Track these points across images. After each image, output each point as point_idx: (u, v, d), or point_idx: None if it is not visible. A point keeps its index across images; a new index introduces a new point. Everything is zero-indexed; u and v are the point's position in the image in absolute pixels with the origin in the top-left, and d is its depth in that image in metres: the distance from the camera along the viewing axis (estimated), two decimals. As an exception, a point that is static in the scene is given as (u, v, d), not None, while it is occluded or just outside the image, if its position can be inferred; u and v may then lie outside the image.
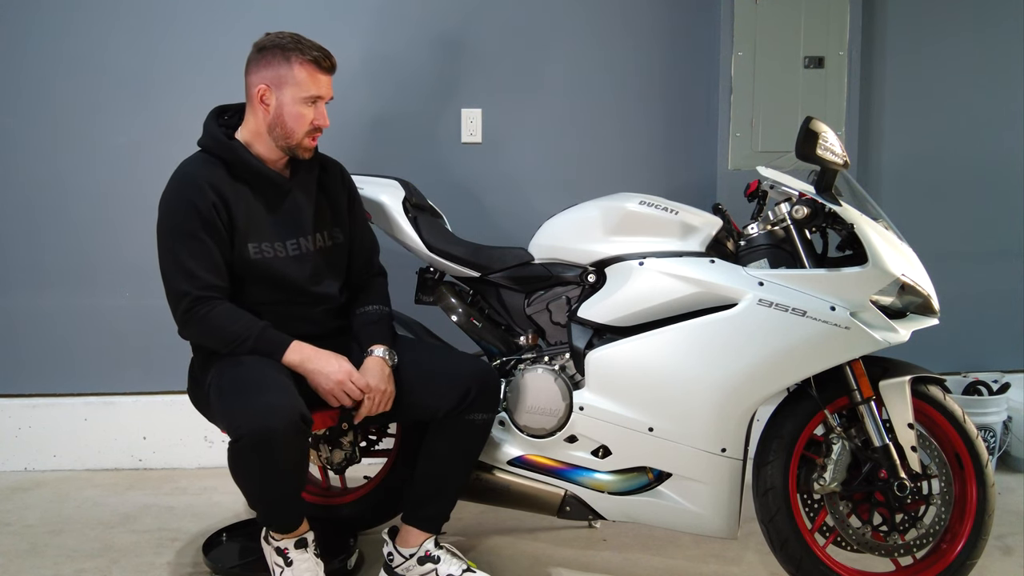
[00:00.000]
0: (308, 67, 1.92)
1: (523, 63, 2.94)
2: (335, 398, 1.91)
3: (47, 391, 2.96)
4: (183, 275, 1.87)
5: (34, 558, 2.29)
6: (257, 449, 1.74)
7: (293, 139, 1.95)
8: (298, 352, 1.90)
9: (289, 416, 1.75)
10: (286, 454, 1.79)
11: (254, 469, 1.81)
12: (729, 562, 2.29)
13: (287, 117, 1.93)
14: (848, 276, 1.93)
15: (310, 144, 1.98)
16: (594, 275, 2.12)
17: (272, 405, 1.75)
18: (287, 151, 1.97)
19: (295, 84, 1.92)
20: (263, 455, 1.76)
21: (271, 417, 1.73)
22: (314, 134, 1.98)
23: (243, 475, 1.86)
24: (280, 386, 1.81)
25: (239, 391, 1.81)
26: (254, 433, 1.73)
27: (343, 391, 1.90)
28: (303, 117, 1.94)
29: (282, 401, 1.77)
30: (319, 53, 1.94)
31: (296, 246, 2.00)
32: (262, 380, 1.82)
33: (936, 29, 3.04)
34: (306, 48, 1.93)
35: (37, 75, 2.84)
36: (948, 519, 2.02)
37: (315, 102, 1.95)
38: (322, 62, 1.94)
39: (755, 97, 2.87)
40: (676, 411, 1.99)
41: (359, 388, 1.91)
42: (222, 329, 1.89)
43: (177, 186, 1.93)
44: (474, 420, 2.00)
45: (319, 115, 1.95)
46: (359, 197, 2.19)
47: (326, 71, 1.95)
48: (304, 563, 1.94)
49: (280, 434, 1.74)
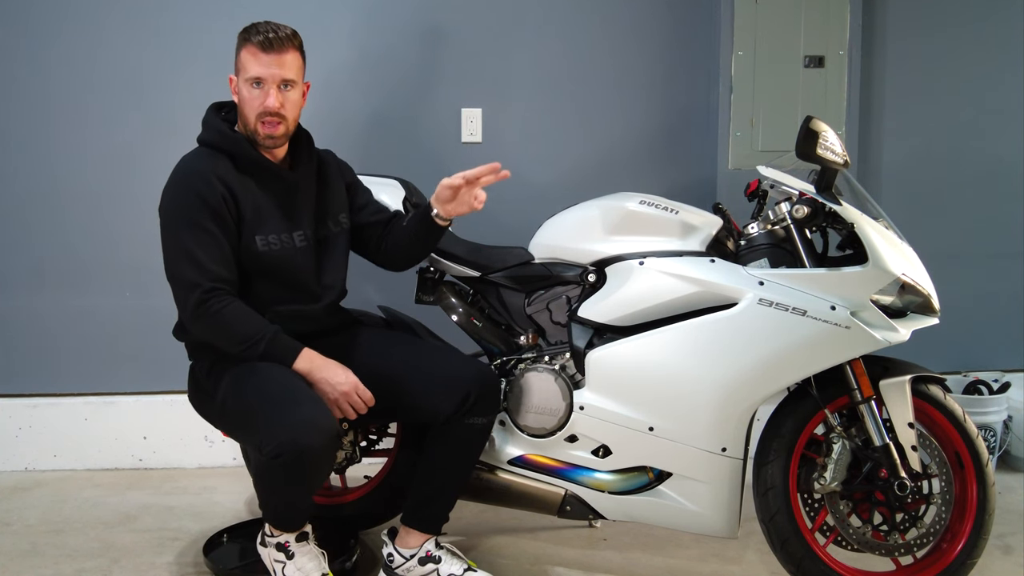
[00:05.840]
0: (251, 49, 1.90)
1: (523, 63, 2.94)
2: (339, 409, 1.90)
3: (47, 391, 2.96)
4: (193, 266, 1.85)
5: (34, 558, 2.29)
6: (296, 464, 1.74)
7: (249, 125, 1.93)
8: (308, 360, 1.89)
9: (329, 431, 1.75)
10: (321, 468, 1.82)
11: (285, 482, 1.81)
12: (729, 561, 2.29)
13: (242, 103, 1.94)
14: (848, 275, 1.93)
15: (264, 131, 1.91)
16: (594, 275, 2.12)
17: (310, 420, 1.74)
18: (251, 141, 1.94)
19: (243, 68, 1.92)
20: (299, 468, 1.76)
21: (312, 433, 1.73)
22: (265, 119, 1.90)
23: (271, 486, 1.87)
24: (311, 398, 1.80)
25: (270, 402, 1.78)
26: (296, 449, 1.71)
27: (348, 403, 1.89)
28: (250, 100, 1.91)
29: (320, 414, 1.76)
30: (264, 35, 1.88)
31: (303, 237, 1.99)
32: (293, 390, 1.80)
33: (936, 29, 3.05)
34: (253, 32, 1.90)
35: (33, 75, 2.84)
36: (948, 518, 2.02)
37: (259, 84, 1.90)
38: (264, 43, 1.88)
39: (755, 96, 2.87)
40: (676, 410, 1.99)
41: (364, 401, 1.91)
42: (234, 328, 1.86)
43: (183, 178, 1.91)
44: (474, 424, 2.00)
45: (264, 96, 1.89)
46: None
47: (269, 52, 1.88)
48: (306, 554, 1.96)
49: (320, 450, 1.75)
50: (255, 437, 1.80)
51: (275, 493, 1.89)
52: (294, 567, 1.94)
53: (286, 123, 1.93)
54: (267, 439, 1.74)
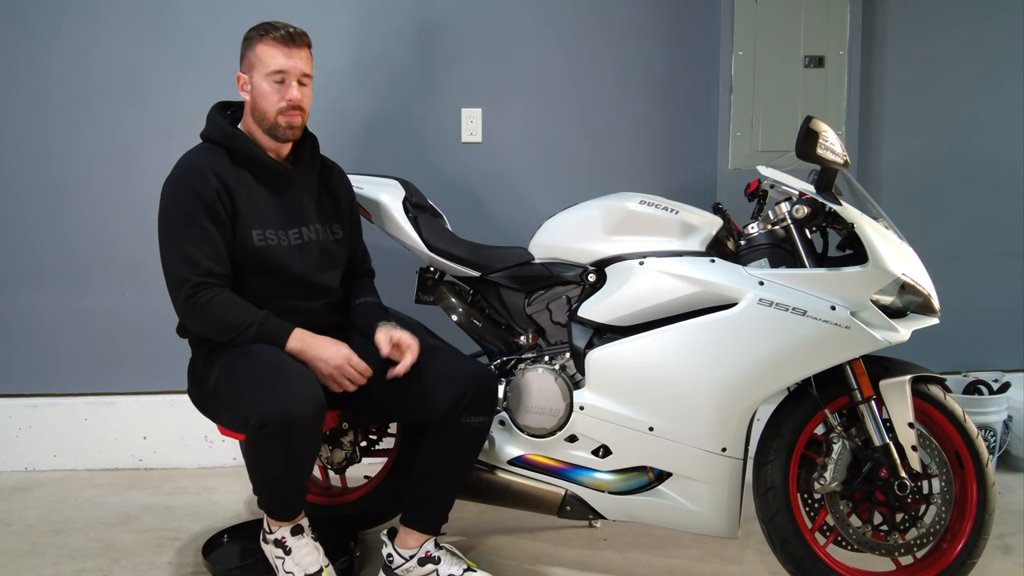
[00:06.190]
0: (269, 43, 1.94)
1: (523, 63, 2.94)
2: (335, 383, 1.90)
3: (47, 391, 2.96)
4: (184, 261, 1.87)
5: (34, 558, 2.29)
6: (282, 434, 1.75)
7: (268, 119, 1.96)
8: (299, 340, 1.90)
9: (315, 401, 1.77)
10: (308, 440, 1.81)
11: (274, 454, 1.81)
12: (729, 561, 2.29)
13: (259, 98, 1.96)
14: (848, 275, 1.93)
15: (285, 122, 1.96)
16: (594, 275, 2.12)
17: (296, 390, 1.76)
18: (270, 134, 1.98)
19: (260, 63, 1.95)
20: (286, 440, 1.76)
21: (297, 402, 1.74)
22: (289, 112, 1.96)
23: (261, 463, 1.86)
24: (299, 371, 1.82)
25: (258, 378, 1.80)
26: (280, 418, 1.73)
27: (343, 375, 1.90)
28: (270, 95, 1.95)
29: (305, 386, 1.78)
30: (283, 31, 1.95)
31: (298, 235, 2.01)
32: (280, 366, 1.82)
33: (936, 28, 3.05)
34: (271, 28, 1.95)
35: (32, 75, 2.84)
36: (948, 518, 2.02)
37: (281, 78, 1.95)
38: (284, 39, 1.94)
39: (755, 96, 2.87)
40: (676, 410, 1.99)
41: (359, 372, 1.91)
42: (224, 317, 1.88)
43: (179, 174, 1.94)
44: (470, 423, 2.00)
45: (286, 90, 1.95)
46: (356, 205, 2.21)
47: (290, 46, 1.95)
48: (303, 548, 1.96)
49: (307, 419, 1.76)
50: (243, 412, 1.79)
51: (267, 470, 1.87)
52: (292, 561, 1.95)
53: (303, 114, 2.00)
54: (254, 411, 1.75)
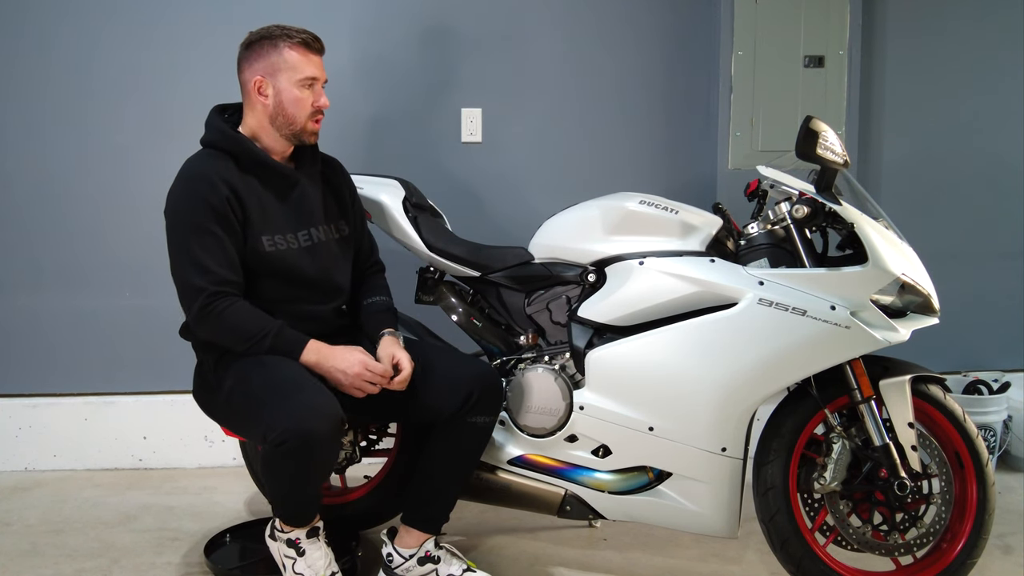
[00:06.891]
0: (299, 49, 1.93)
1: (523, 63, 2.94)
2: (358, 390, 1.90)
3: (47, 391, 2.96)
4: (196, 270, 1.85)
5: (34, 558, 2.29)
6: (300, 451, 1.74)
7: (296, 124, 1.96)
8: (315, 352, 1.89)
9: (333, 416, 1.76)
10: (326, 454, 1.81)
11: (291, 470, 1.81)
12: (729, 561, 2.29)
13: (287, 103, 1.94)
14: (848, 275, 1.93)
15: (314, 127, 1.99)
16: (594, 275, 2.12)
17: (314, 405, 1.75)
18: (293, 139, 1.98)
19: (289, 68, 1.93)
20: (304, 456, 1.76)
21: (315, 418, 1.73)
22: (316, 116, 1.98)
23: (278, 476, 1.86)
24: (315, 385, 1.81)
25: (275, 392, 1.78)
26: (300, 436, 1.72)
27: (363, 381, 1.89)
28: (302, 100, 1.94)
29: (323, 400, 1.77)
30: (307, 35, 1.95)
31: (308, 237, 2.00)
32: (297, 379, 1.81)
33: (936, 28, 3.05)
34: (293, 32, 1.94)
35: (32, 75, 2.84)
36: (948, 518, 2.02)
37: (312, 84, 1.95)
38: (311, 43, 1.95)
39: (755, 96, 2.87)
40: (676, 410, 1.99)
41: (378, 375, 1.91)
42: (239, 327, 1.87)
43: (187, 182, 1.91)
44: (476, 423, 2.00)
45: (317, 96, 1.96)
46: (358, 194, 2.20)
47: (316, 52, 1.97)
48: (316, 551, 1.96)
49: (325, 435, 1.75)
50: (260, 428, 1.78)
51: (284, 485, 1.87)
52: (304, 563, 1.94)
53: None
54: (271, 427, 1.74)
